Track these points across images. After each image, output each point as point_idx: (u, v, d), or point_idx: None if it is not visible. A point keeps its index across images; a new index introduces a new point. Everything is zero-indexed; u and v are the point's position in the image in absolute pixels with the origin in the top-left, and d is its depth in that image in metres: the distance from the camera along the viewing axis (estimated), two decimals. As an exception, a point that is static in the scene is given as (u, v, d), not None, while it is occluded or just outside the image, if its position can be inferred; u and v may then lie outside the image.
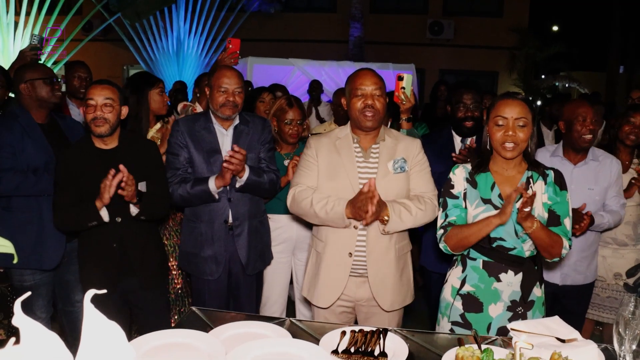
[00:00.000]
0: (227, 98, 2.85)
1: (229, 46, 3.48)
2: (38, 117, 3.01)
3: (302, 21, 14.10)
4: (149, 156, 2.78)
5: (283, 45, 13.09)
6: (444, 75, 14.02)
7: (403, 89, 3.23)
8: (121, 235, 2.70)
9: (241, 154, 2.71)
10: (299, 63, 8.85)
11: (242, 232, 2.96)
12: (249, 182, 2.85)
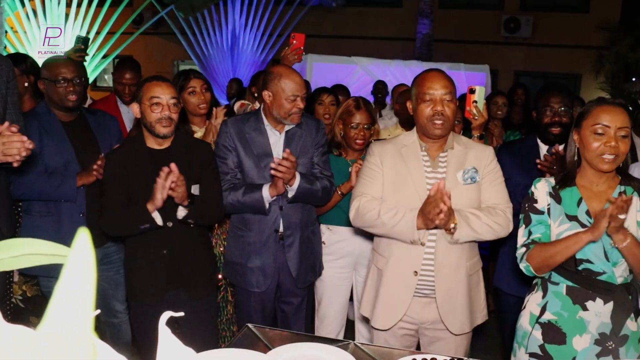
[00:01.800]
0: (296, 106, 2.85)
1: (293, 41, 3.50)
2: (62, 115, 3.06)
3: (364, 16, 14.07)
4: (202, 158, 2.82)
5: (344, 42, 13.08)
6: (519, 78, 13.70)
7: (475, 103, 3.16)
8: (172, 241, 2.73)
9: (290, 161, 2.70)
10: (363, 62, 8.83)
11: (294, 242, 2.96)
12: (300, 191, 2.85)
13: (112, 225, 2.73)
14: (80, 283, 0.44)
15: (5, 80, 2.65)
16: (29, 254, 0.62)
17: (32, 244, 0.62)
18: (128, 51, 10.83)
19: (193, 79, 3.36)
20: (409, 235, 2.39)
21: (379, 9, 14.28)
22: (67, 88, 2.96)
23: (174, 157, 2.68)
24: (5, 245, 0.63)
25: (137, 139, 2.79)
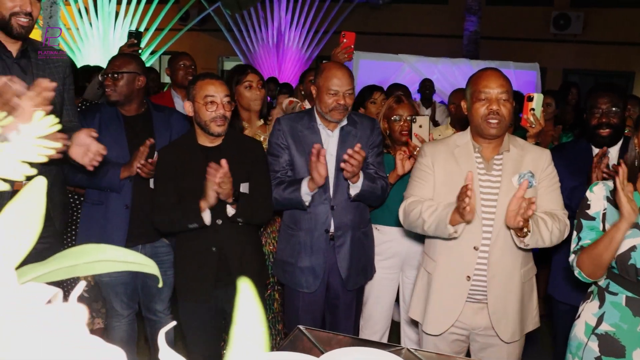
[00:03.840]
0: (337, 101, 2.82)
1: (343, 40, 3.48)
2: (126, 110, 3.10)
3: (410, 13, 13.94)
4: (253, 156, 2.82)
5: (390, 40, 13.00)
6: (568, 76, 13.39)
7: (532, 111, 3.08)
8: (221, 238, 2.74)
9: (361, 155, 2.65)
10: (410, 60, 8.74)
11: (344, 243, 2.93)
12: (364, 189, 2.81)
13: (163, 222, 2.76)
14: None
15: (62, 76, 2.69)
16: (103, 260, 0.62)
17: (106, 250, 0.62)
18: (174, 47, 10.97)
19: (250, 73, 3.36)
20: (444, 229, 2.34)
21: (425, 5, 14.13)
22: (105, 81, 3.03)
23: (225, 154, 2.68)
24: (80, 251, 0.62)
25: (188, 136, 2.81)
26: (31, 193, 0.58)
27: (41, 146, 0.48)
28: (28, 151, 0.48)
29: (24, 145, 0.47)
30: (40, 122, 0.48)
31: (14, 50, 2.52)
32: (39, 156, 0.48)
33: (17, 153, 0.47)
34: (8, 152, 0.47)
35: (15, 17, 2.42)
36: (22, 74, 2.51)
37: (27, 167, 0.48)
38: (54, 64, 2.66)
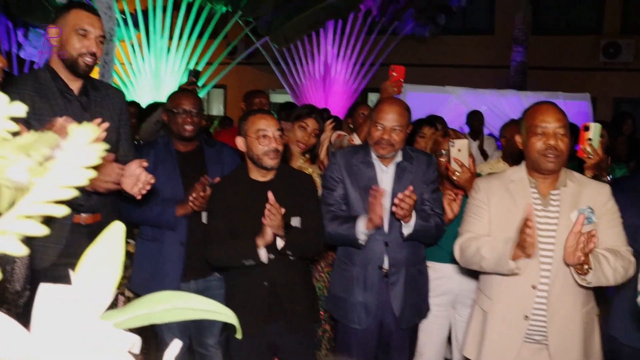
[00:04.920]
0: (381, 136, 2.82)
1: (393, 74, 3.50)
2: (180, 145, 3.14)
3: (456, 44, 13.92)
4: (304, 190, 2.83)
5: (436, 71, 12.97)
6: (619, 105, 13.09)
7: (590, 141, 3.00)
8: (273, 273, 2.74)
9: (412, 199, 2.65)
10: (457, 91, 8.71)
11: (398, 280, 2.89)
12: (417, 229, 2.79)
13: (216, 257, 2.78)
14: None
15: (118, 112, 2.77)
16: (181, 307, 0.61)
17: (184, 297, 0.61)
18: (222, 81, 11.21)
19: (312, 118, 3.44)
20: (504, 265, 2.28)
21: (470, 36, 14.10)
22: (185, 119, 3.06)
23: (277, 188, 2.70)
24: (158, 298, 0.62)
25: (241, 171, 2.84)
26: (110, 239, 0.59)
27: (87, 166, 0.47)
28: (75, 172, 0.47)
29: (71, 166, 0.46)
30: (88, 145, 0.47)
31: (75, 89, 2.60)
32: (85, 179, 0.47)
33: (66, 173, 0.46)
34: (57, 172, 0.46)
35: (81, 57, 2.51)
36: (82, 111, 2.59)
37: (75, 191, 0.47)
38: (111, 101, 2.74)
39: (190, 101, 3.10)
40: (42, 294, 0.54)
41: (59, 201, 0.45)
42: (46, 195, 0.44)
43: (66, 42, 2.51)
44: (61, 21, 2.53)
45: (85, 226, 2.55)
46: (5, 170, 0.45)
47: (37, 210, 0.44)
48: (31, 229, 0.44)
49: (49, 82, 2.54)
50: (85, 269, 0.57)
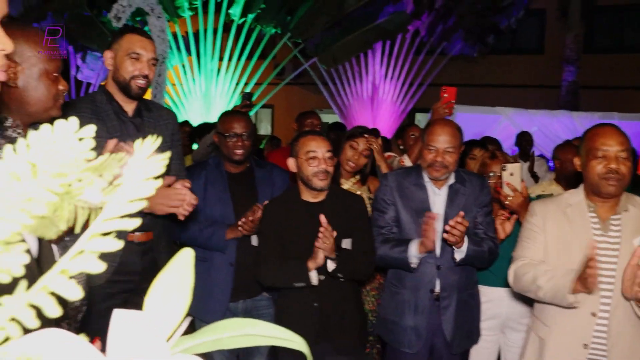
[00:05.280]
0: (434, 158, 2.79)
1: (444, 95, 3.47)
2: (231, 167, 3.14)
3: (506, 64, 13.77)
4: (355, 212, 2.82)
5: (485, 91, 12.85)
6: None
7: None
8: (324, 294, 2.72)
9: (464, 226, 2.61)
10: (507, 112, 8.60)
11: (450, 304, 2.84)
12: (469, 254, 2.74)
13: (268, 278, 2.78)
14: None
15: (170, 132, 2.81)
16: (250, 334, 0.61)
17: (254, 324, 0.61)
18: (270, 101, 11.34)
19: (364, 138, 3.42)
20: (563, 298, 2.22)
21: (520, 56, 13.94)
22: (235, 142, 3.06)
23: (328, 210, 2.70)
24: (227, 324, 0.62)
25: (292, 192, 2.85)
26: (180, 265, 0.59)
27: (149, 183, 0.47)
28: (139, 188, 0.47)
29: (137, 180, 0.46)
30: (150, 160, 0.48)
31: (130, 110, 2.66)
32: (152, 189, 0.47)
33: (133, 187, 0.46)
34: (125, 188, 0.46)
35: (134, 80, 2.57)
36: (135, 131, 2.65)
37: (139, 203, 0.47)
38: (164, 122, 2.79)
39: (242, 124, 3.10)
40: (116, 319, 0.54)
41: (129, 215, 0.46)
42: (117, 211, 0.45)
43: (120, 65, 2.58)
44: (115, 46, 2.61)
45: (138, 244, 2.59)
46: (82, 192, 0.45)
47: (110, 227, 0.45)
48: (107, 246, 0.44)
49: (105, 104, 2.61)
50: (156, 295, 0.57)
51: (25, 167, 0.43)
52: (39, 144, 0.43)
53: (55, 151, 0.43)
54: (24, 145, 0.44)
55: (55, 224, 0.47)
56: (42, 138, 0.43)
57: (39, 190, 0.43)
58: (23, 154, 0.43)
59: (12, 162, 0.43)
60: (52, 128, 0.44)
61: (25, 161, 0.43)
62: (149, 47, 2.62)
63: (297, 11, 9.80)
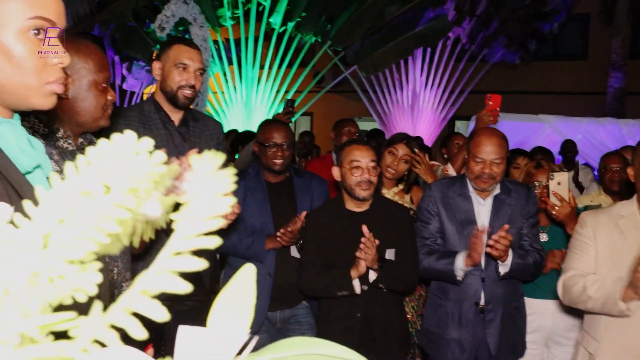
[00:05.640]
0: (482, 169, 2.74)
1: (489, 102, 3.42)
2: (270, 177, 3.12)
3: (548, 71, 13.52)
4: (399, 222, 2.80)
5: (528, 98, 12.63)
6: None
7: None
8: (366, 304, 2.71)
9: (508, 240, 2.56)
10: (550, 119, 8.42)
11: (495, 317, 2.79)
12: (513, 267, 2.70)
13: (310, 287, 2.78)
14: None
15: (215, 142, 2.84)
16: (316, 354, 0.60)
17: (321, 344, 0.60)
18: (309, 109, 11.38)
19: (402, 144, 3.38)
20: (613, 306, 2.15)
21: (562, 62, 13.67)
22: (275, 152, 3.04)
23: (372, 220, 2.69)
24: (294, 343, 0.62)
25: (337, 201, 2.84)
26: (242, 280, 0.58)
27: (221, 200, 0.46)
28: (211, 206, 0.45)
29: (205, 200, 0.45)
30: (218, 173, 0.46)
31: (176, 120, 2.70)
32: (227, 207, 0.46)
33: (201, 210, 0.45)
34: (197, 205, 0.45)
35: (181, 90, 2.61)
36: (182, 141, 2.68)
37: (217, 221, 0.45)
38: (209, 131, 2.82)
39: (282, 134, 3.08)
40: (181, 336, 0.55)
41: (208, 233, 0.45)
42: (194, 229, 0.44)
43: (167, 75, 2.63)
44: (163, 56, 2.66)
45: None
46: (140, 205, 0.45)
47: (188, 246, 0.44)
48: (186, 265, 0.43)
49: (153, 113, 2.66)
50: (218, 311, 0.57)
51: (98, 184, 0.43)
52: (103, 160, 0.43)
53: (123, 166, 0.43)
54: (85, 162, 0.44)
55: (120, 240, 0.47)
56: (105, 153, 0.44)
57: (113, 207, 0.43)
58: (91, 170, 0.44)
59: (81, 179, 0.44)
60: (111, 142, 0.44)
61: (96, 178, 0.43)
62: (195, 57, 2.66)
63: (338, 19, 9.82)
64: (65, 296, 0.41)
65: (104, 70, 1.86)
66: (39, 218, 0.43)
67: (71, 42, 1.85)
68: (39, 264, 0.41)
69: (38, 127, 1.81)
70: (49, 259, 0.41)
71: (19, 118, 1.17)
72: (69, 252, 0.41)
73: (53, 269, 0.41)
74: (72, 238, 0.41)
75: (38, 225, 0.42)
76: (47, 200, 0.43)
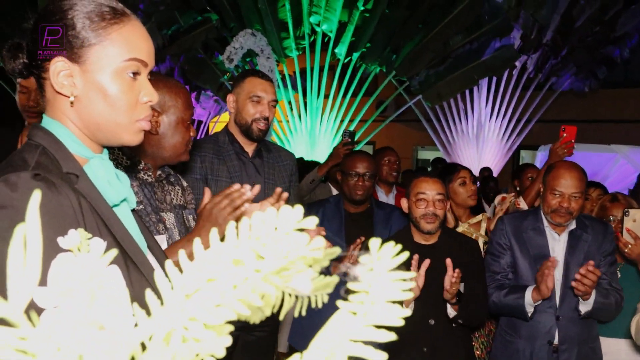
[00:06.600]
0: (560, 203, 2.66)
1: (563, 134, 3.34)
2: (350, 207, 3.16)
3: (619, 98, 13.06)
4: (469, 256, 2.75)
5: (598, 128, 12.22)
6: None
7: None
8: (434, 339, 2.67)
9: (596, 275, 2.47)
10: (623, 150, 8.12)
11: (570, 358, 2.68)
12: (596, 306, 2.59)
13: None
14: None
15: (289, 173, 2.87)
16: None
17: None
18: (372, 138, 11.37)
19: (462, 170, 3.36)
20: None
21: (634, 90, 13.18)
22: (357, 182, 3.09)
23: (440, 253, 2.65)
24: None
25: (405, 233, 2.82)
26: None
27: (400, 281, 0.44)
28: (389, 288, 0.43)
29: (381, 282, 0.44)
30: (385, 251, 0.45)
31: (250, 151, 2.74)
32: (402, 292, 0.44)
33: (381, 292, 0.43)
34: (374, 295, 0.43)
35: (255, 123, 2.66)
36: (256, 173, 2.72)
37: (405, 312, 0.43)
38: (282, 163, 2.85)
39: (365, 164, 3.13)
40: None
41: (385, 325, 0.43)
42: (374, 318, 0.43)
43: (242, 108, 2.68)
44: (237, 89, 2.71)
45: None
46: (291, 280, 0.45)
47: (366, 336, 0.42)
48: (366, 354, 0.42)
49: (227, 145, 2.71)
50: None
51: (251, 254, 0.43)
52: (263, 230, 0.43)
53: (282, 241, 0.43)
54: (246, 228, 0.44)
55: (262, 310, 0.47)
56: (267, 223, 0.44)
57: (261, 281, 0.43)
58: (249, 239, 0.44)
59: (237, 246, 0.44)
60: (277, 214, 0.44)
61: (249, 248, 0.43)
62: (269, 89, 2.71)
63: (402, 49, 9.84)
64: (196, 358, 0.41)
65: (190, 108, 1.93)
66: (187, 276, 0.43)
67: (162, 81, 1.92)
68: (175, 323, 0.41)
69: (121, 160, 1.88)
70: (186, 320, 0.41)
71: (107, 152, 1.21)
72: (208, 317, 0.41)
73: (188, 330, 0.41)
74: (214, 303, 0.42)
75: (184, 283, 0.43)
76: (199, 259, 0.44)
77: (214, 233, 0.44)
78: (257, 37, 8.30)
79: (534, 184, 3.39)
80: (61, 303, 0.43)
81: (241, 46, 8.08)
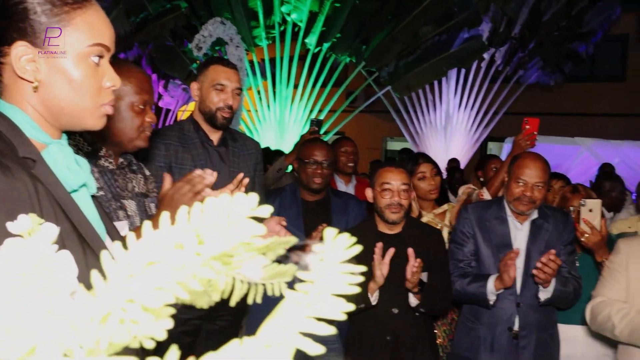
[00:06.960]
0: (523, 192, 2.71)
1: (526, 126, 3.38)
2: (307, 195, 3.14)
3: (584, 92, 13.34)
4: (433, 245, 2.78)
5: (563, 121, 12.46)
6: None
7: None
8: (397, 328, 2.69)
9: (556, 264, 2.51)
10: (587, 142, 8.29)
11: (529, 344, 2.73)
12: (556, 294, 2.65)
13: None
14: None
15: (254, 162, 2.86)
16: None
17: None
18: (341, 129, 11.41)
19: (422, 163, 3.36)
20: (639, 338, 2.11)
21: (599, 84, 13.47)
22: (315, 170, 3.06)
23: (404, 242, 2.67)
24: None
25: (369, 223, 2.84)
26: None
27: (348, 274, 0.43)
28: (337, 281, 0.42)
29: (329, 273, 0.43)
30: (339, 243, 0.43)
31: (215, 139, 2.73)
32: (350, 286, 0.43)
33: (328, 285, 0.42)
34: (320, 286, 0.42)
35: (220, 111, 2.64)
36: (220, 161, 2.71)
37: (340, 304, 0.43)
38: (247, 151, 2.84)
39: (323, 152, 3.10)
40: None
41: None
42: (318, 309, 0.42)
43: (205, 96, 2.66)
44: (201, 77, 2.69)
45: None
46: (241, 266, 0.45)
47: (307, 328, 0.42)
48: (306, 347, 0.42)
49: (192, 133, 2.69)
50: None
51: (193, 239, 0.43)
52: (208, 216, 0.43)
53: (225, 228, 0.43)
54: (196, 213, 0.44)
55: (208, 295, 0.47)
56: (215, 209, 0.43)
57: (201, 267, 0.43)
58: (191, 223, 0.43)
59: (179, 230, 0.43)
60: (229, 201, 0.44)
61: (193, 232, 0.43)
62: (233, 77, 2.69)
63: (372, 40, 9.86)
64: (133, 340, 0.41)
65: (142, 93, 1.88)
66: (125, 260, 0.43)
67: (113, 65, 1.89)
68: (113, 304, 0.41)
69: (82, 146, 1.85)
70: (125, 302, 0.41)
71: (67, 138, 1.20)
72: (147, 300, 0.41)
73: (126, 312, 0.41)
74: (153, 287, 0.42)
75: (121, 267, 0.42)
76: (137, 243, 0.43)
77: (164, 216, 0.44)
78: (227, 26, 8.23)
79: (498, 175, 3.43)
80: (6, 287, 0.42)
81: (210, 34, 8.02)
